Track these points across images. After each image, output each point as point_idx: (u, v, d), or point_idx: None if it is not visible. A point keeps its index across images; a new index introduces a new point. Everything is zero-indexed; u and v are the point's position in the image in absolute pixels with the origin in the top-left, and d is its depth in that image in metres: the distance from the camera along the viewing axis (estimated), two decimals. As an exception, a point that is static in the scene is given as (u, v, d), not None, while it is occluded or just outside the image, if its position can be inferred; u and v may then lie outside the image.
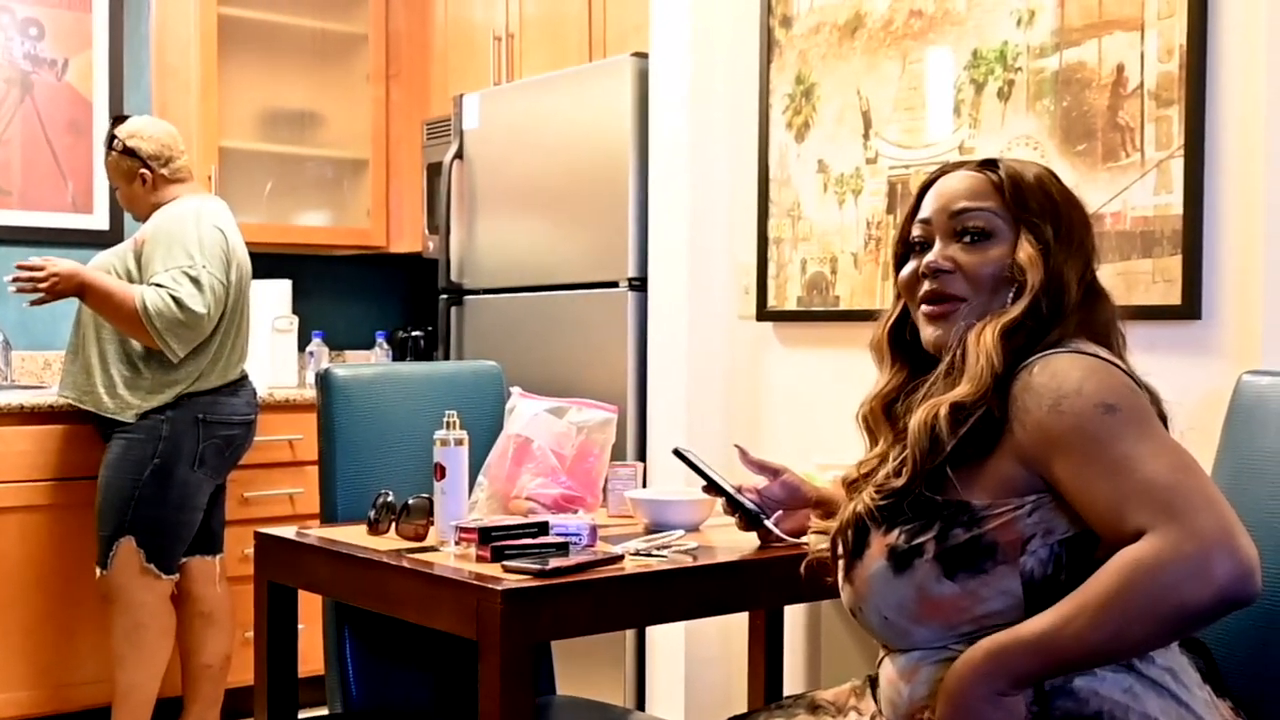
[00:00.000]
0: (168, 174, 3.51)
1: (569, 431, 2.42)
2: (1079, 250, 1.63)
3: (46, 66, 4.36)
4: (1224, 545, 1.37)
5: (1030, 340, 1.57)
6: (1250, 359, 2.19)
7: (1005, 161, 1.68)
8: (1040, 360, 1.54)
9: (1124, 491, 1.43)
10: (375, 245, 4.72)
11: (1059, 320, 1.59)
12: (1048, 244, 1.61)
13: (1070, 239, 1.63)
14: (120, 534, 3.37)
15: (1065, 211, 1.64)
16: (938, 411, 1.55)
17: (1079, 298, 1.61)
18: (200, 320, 3.29)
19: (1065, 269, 1.60)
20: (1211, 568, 1.36)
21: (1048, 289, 1.59)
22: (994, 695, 1.45)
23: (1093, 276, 1.65)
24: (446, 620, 1.89)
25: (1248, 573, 1.36)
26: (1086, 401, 1.48)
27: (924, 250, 1.67)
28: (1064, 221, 1.63)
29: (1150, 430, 1.48)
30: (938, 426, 1.54)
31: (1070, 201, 1.66)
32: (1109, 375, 1.51)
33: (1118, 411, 1.47)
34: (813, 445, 2.91)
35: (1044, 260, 1.60)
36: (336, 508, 2.44)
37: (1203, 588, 1.36)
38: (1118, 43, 2.44)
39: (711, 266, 3.28)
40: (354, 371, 2.57)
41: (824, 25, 3.02)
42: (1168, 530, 1.38)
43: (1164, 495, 1.41)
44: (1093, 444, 1.46)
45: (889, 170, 2.87)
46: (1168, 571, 1.37)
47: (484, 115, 3.93)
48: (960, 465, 1.54)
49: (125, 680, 3.45)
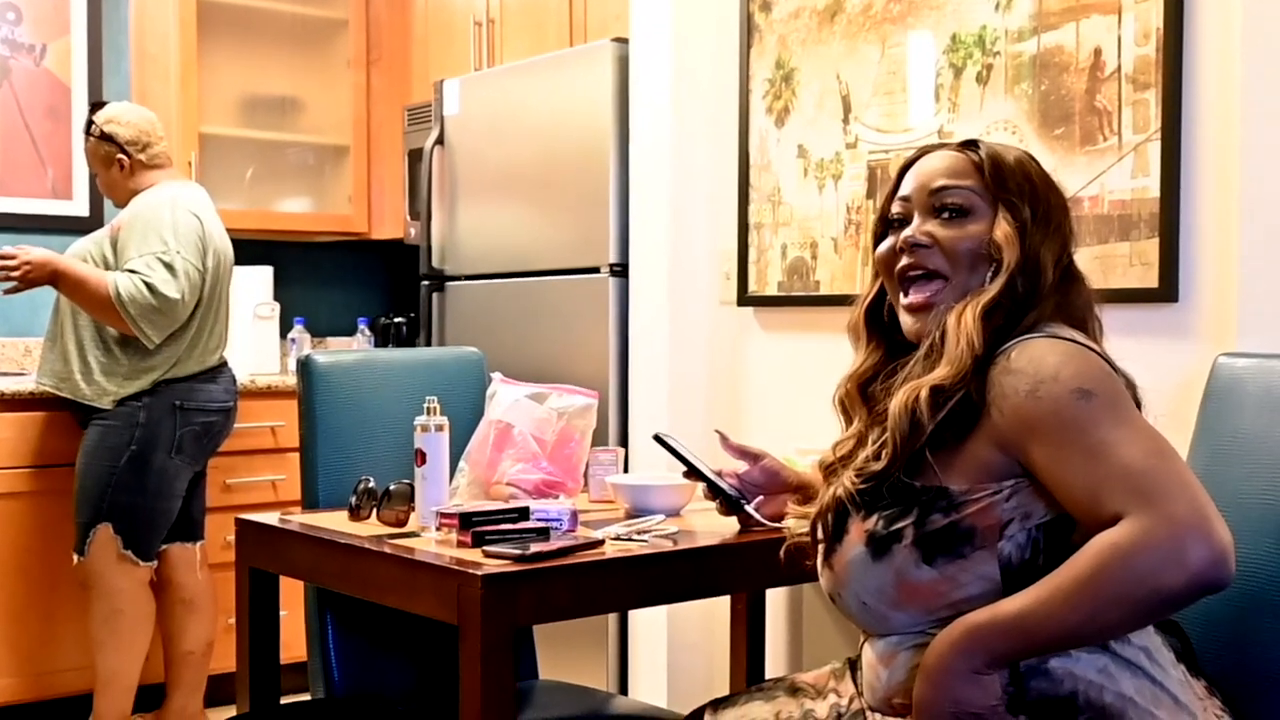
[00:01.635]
0: (145, 159, 3.49)
1: (549, 417, 2.42)
2: (1056, 233, 1.64)
3: (25, 52, 4.34)
4: (1198, 530, 1.38)
5: (1008, 322, 1.58)
6: (1226, 341, 2.20)
7: (985, 143, 1.68)
8: (1018, 345, 1.54)
9: (1100, 476, 1.44)
10: (357, 231, 4.71)
11: (1035, 302, 1.59)
12: (1024, 224, 1.61)
13: (1048, 221, 1.63)
14: (97, 521, 3.37)
15: (1043, 194, 1.65)
16: (918, 394, 1.55)
17: (1055, 280, 1.62)
18: (174, 306, 3.28)
19: (1042, 250, 1.61)
20: (1186, 553, 1.37)
21: (1024, 269, 1.59)
22: (970, 673, 1.46)
23: (1070, 260, 1.66)
24: (427, 605, 1.90)
25: (1222, 558, 1.38)
26: (1063, 387, 1.48)
27: (903, 227, 1.67)
28: (1041, 203, 1.64)
29: (1126, 415, 1.49)
30: (918, 410, 1.54)
31: (1048, 185, 1.67)
32: (1085, 360, 1.52)
33: (1094, 397, 1.48)
34: (793, 430, 2.92)
35: (1020, 239, 1.60)
36: (318, 494, 2.44)
37: (1177, 572, 1.37)
38: (1095, 26, 2.45)
39: (692, 252, 3.29)
40: (335, 358, 2.56)
41: (804, 10, 3.02)
42: (1143, 515, 1.39)
43: (1139, 480, 1.42)
44: (1069, 430, 1.47)
45: (869, 155, 2.88)
46: (1143, 556, 1.38)
47: (465, 101, 3.93)
48: (939, 449, 1.55)
49: (106, 667, 3.45)
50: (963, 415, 1.54)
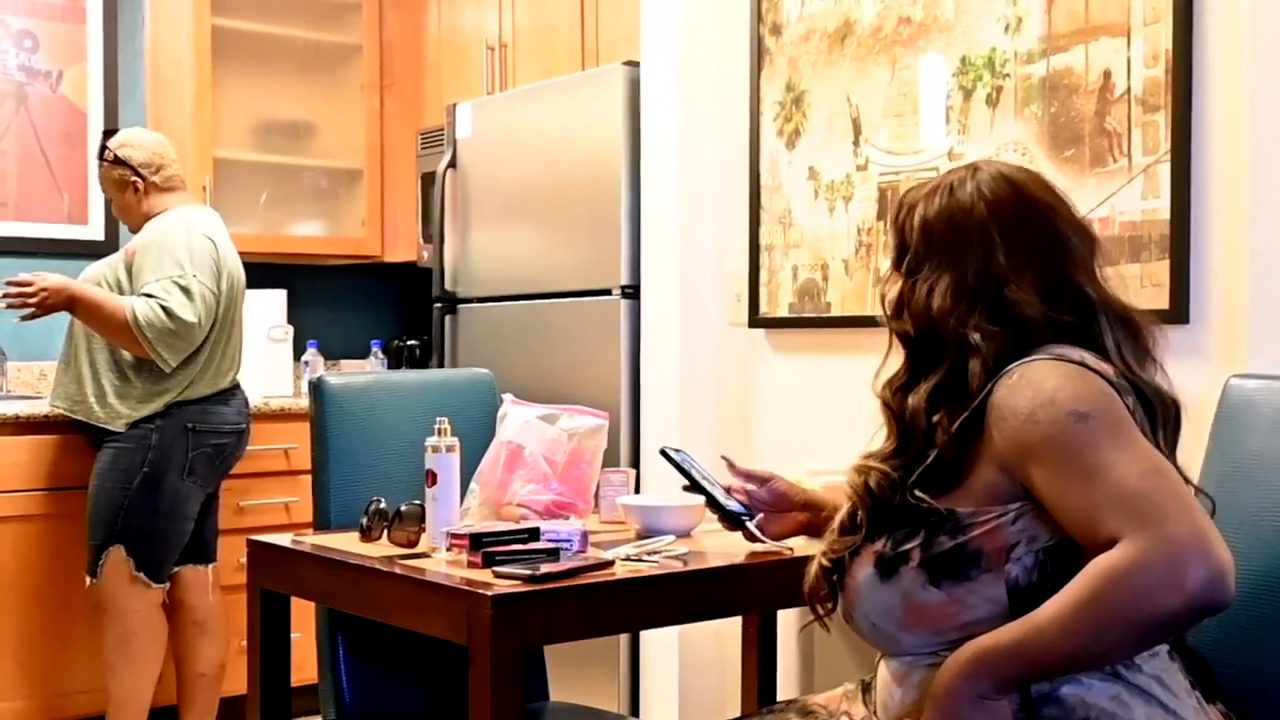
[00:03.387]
0: (159, 182, 3.51)
1: (560, 438, 2.42)
2: (1041, 260, 1.61)
3: (41, 78, 4.37)
4: (1196, 552, 1.37)
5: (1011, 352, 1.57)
6: (1237, 363, 2.20)
7: (916, 190, 1.69)
8: (1019, 368, 1.54)
9: (1097, 499, 1.44)
10: (370, 255, 4.73)
11: (1025, 337, 1.58)
12: (953, 279, 1.61)
13: (1028, 249, 1.61)
14: (109, 543, 3.37)
15: (1007, 228, 1.61)
16: (868, 476, 1.61)
17: (1044, 306, 1.59)
18: (191, 329, 3.30)
19: (1010, 288, 1.59)
20: (1183, 574, 1.36)
21: (949, 332, 1.60)
22: (977, 698, 1.45)
23: (1064, 282, 1.62)
24: (437, 626, 1.90)
25: (1220, 578, 1.37)
26: (1059, 410, 1.48)
27: None
28: (964, 247, 1.62)
29: (1124, 437, 1.48)
30: (881, 490, 1.59)
31: (1025, 211, 1.63)
32: (1084, 382, 1.51)
33: (1090, 420, 1.47)
34: (804, 451, 2.91)
35: (929, 301, 1.62)
36: (330, 515, 2.44)
37: (1175, 594, 1.36)
38: (1104, 49, 2.45)
39: (703, 274, 3.29)
40: (347, 379, 2.57)
41: (814, 33, 3.03)
42: (1140, 537, 1.39)
43: (1136, 502, 1.41)
44: (1066, 453, 1.47)
45: (879, 177, 2.88)
46: (1140, 579, 1.37)
47: (477, 124, 3.94)
48: (938, 483, 1.56)
49: (118, 689, 3.45)
50: (944, 463, 1.55)
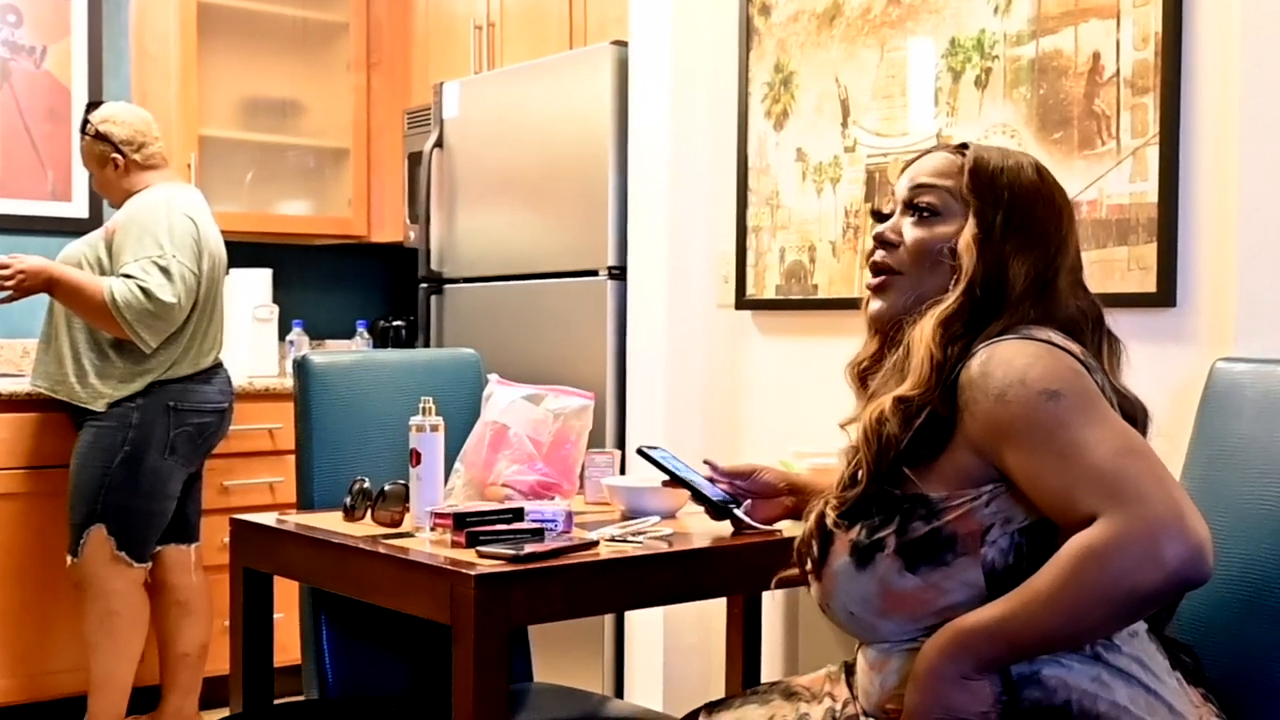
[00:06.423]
0: (140, 160, 3.49)
1: (545, 418, 2.42)
2: (1038, 245, 1.61)
3: (25, 54, 4.34)
4: (1173, 527, 1.37)
5: (971, 331, 1.56)
6: (1224, 346, 2.20)
7: (978, 146, 1.68)
8: (986, 348, 1.53)
9: (1072, 477, 1.43)
10: (356, 234, 4.71)
11: (1000, 311, 1.57)
12: (991, 231, 1.60)
13: (1025, 231, 1.60)
14: (90, 522, 3.36)
15: (1026, 203, 1.62)
16: (882, 410, 1.56)
17: (1030, 290, 1.59)
18: (171, 310, 3.28)
19: (1012, 260, 1.59)
20: (1161, 550, 1.36)
21: (986, 277, 1.58)
22: (959, 678, 1.45)
23: (1054, 274, 1.61)
24: (421, 605, 1.89)
25: (1198, 553, 1.37)
26: (1030, 389, 1.47)
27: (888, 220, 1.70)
28: (1019, 213, 1.61)
29: (1097, 414, 1.47)
30: (884, 426, 1.55)
31: (1038, 195, 1.63)
32: (1054, 360, 1.50)
33: (1062, 398, 1.47)
34: (791, 433, 2.91)
35: (981, 247, 1.59)
36: (314, 495, 2.44)
37: (1154, 570, 1.36)
38: (1094, 30, 2.44)
39: (690, 255, 3.28)
40: (331, 359, 2.56)
41: (802, 13, 3.01)
42: (1117, 514, 1.38)
43: (1112, 480, 1.41)
44: (1039, 432, 1.46)
45: (867, 159, 2.88)
46: (1118, 556, 1.37)
47: (464, 104, 3.92)
48: (915, 464, 1.54)
49: (100, 668, 3.44)
50: (936, 425, 1.54)
